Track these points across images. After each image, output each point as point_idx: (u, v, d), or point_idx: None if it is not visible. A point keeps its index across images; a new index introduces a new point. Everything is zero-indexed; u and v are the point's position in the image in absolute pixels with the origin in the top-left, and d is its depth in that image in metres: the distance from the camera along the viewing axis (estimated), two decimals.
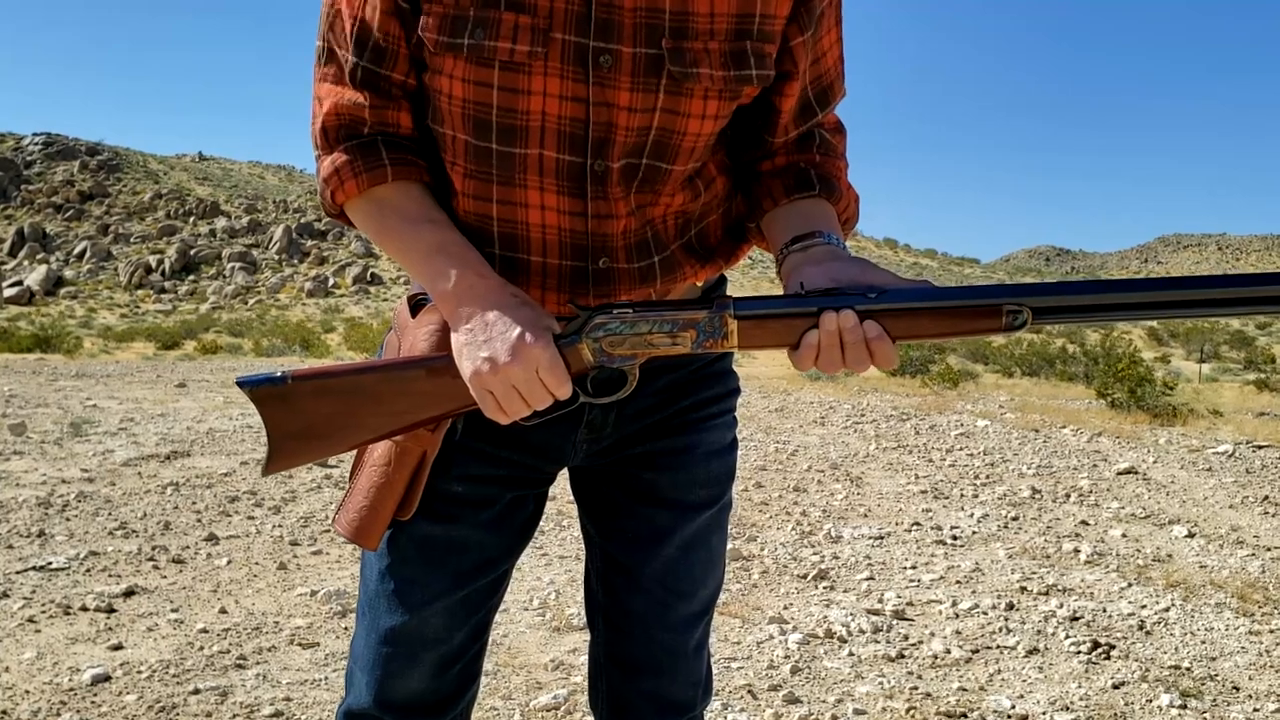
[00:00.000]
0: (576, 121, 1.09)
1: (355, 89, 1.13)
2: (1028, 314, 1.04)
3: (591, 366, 1.09)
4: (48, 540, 4.41)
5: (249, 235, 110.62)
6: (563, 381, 1.06)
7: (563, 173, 1.12)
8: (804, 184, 1.20)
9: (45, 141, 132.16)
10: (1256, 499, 6.03)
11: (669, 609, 1.30)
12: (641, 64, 1.08)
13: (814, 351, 1.05)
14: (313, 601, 3.67)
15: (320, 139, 1.16)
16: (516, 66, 1.07)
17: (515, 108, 1.09)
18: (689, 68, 1.08)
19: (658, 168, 1.14)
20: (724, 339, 1.08)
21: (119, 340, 38.99)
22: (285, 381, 1.11)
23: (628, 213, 1.15)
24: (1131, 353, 13.84)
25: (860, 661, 3.22)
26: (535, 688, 2.94)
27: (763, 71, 1.13)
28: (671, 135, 1.13)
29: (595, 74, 1.07)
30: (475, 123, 1.10)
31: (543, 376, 1.05)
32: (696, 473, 1.29)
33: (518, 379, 1.05)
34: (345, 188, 1.14)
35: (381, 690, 1.24)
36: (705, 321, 1.08)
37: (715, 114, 1.13)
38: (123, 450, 6.90)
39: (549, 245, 1.15)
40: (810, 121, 1.23)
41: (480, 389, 1.06)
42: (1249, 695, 3.01)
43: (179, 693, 2.83)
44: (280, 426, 1.12)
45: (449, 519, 1.22)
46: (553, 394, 1.06)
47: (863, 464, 7.21)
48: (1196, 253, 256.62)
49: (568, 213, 1.14)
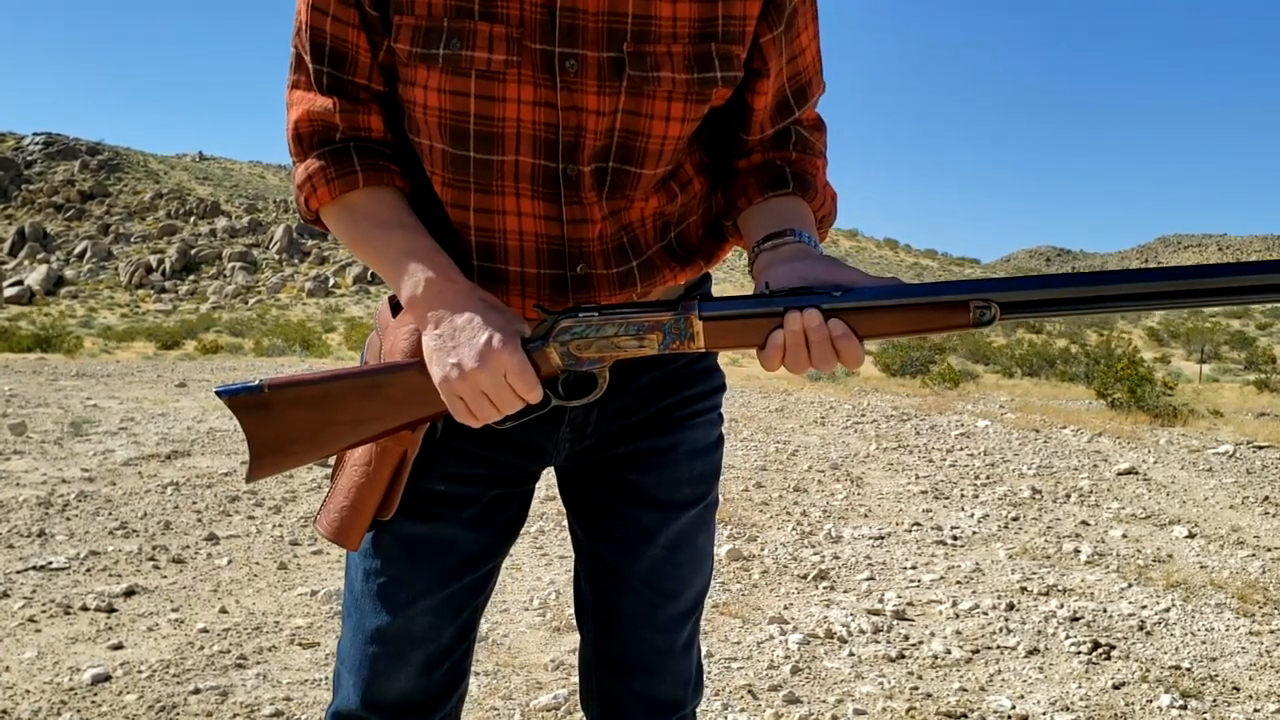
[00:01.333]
0: (549, 126, 1.10)
1: (324, 95, 1.14)
2: (995, 310, 1.03)
3: (561, 370, 1.09)
4: (48, 540, 4.41)
5: (249, 235, 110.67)
6: (531, 386, 1.06)
7: (537, 178, 1.12)
8: (778, 182, 1.20)
9: (46, 141, 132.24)
10: (1257, 499, 6.02)
11: (656, 609, 1.30)
12: (606, 68, 1.08)
13: (779, 351, 1.04)
14: (313, 601, 3.68)
15: (294, 145, 1.17)
16: (492, 75, 1.07)
17: (492, 115, 1.09)
18: (649, 71, 1.09)
19: (626, 171, 1.14)
20: (690, 340, 1.07)
21: (119, 340, 39.00)
22: (262, 390, 1.12)
23: (603, 217, 1.15)
24: (1132, 353, 13.84)
25: (860, 662, 3.22)
26: (535, 688, 2.94)
27: (729, 73, 1.13)
28: (636, 138, 1.13)
29: (563, 79, 1.08)
30: (452, 132, 1.11)
31: (511, 381, 1.05)
32: (680, 471, 1.29)
33: (485, 384, 1.05)
34: (318, 194, 1.15)
35: (369, 691, 1.23)
36: (671, 324, 1.07)
37: (681, 116, 1.13)
38: (123, 450, 6.90)
39: (526, 253, 1.15)
40: (788, 119, 1.23)
41: (449, 394, 1.06)
42: (1249, 695, 3.01)
43: (179, 692, 2.83)
44: (259, 434, 1.13)
45: (432, 518, 1.22)
46: (522, 398, 1.06)
47: (863, 464, 7.21)
48: (1197, 253, 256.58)
49: (543, 218, 1.14)
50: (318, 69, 1.13)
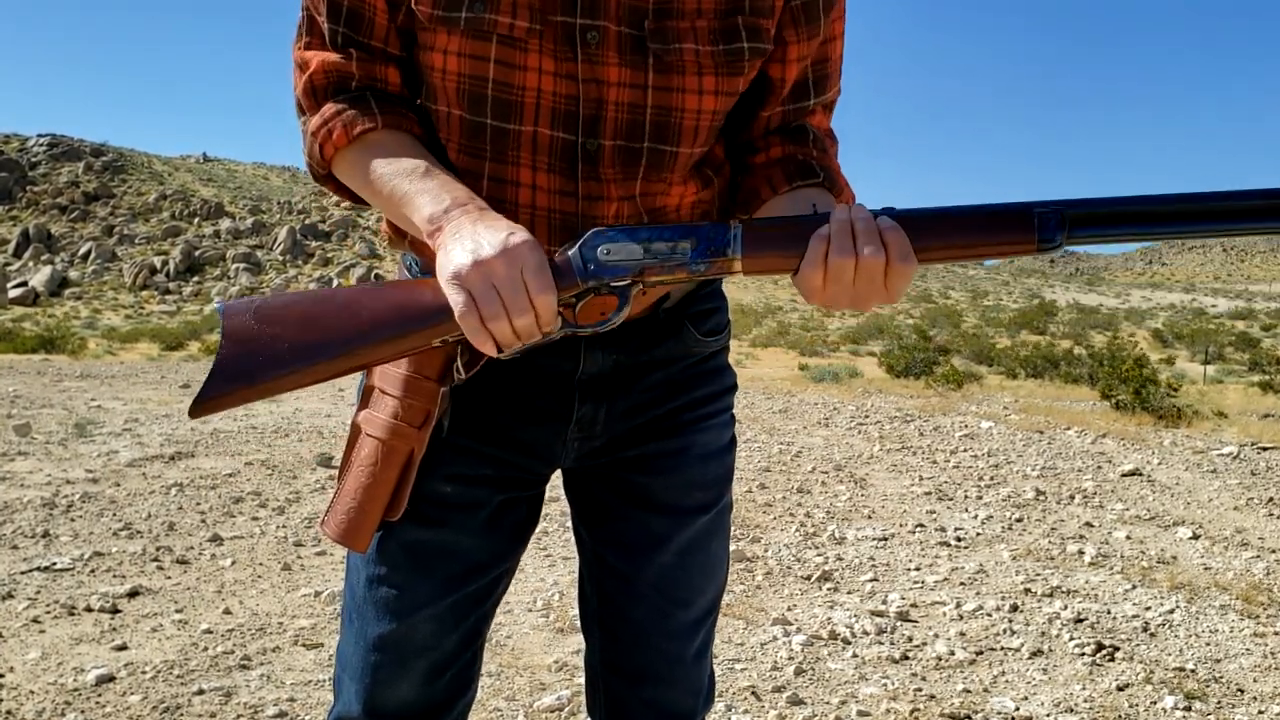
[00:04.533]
0: (570, 99, 1.09)
1: (338, 50, 1.13)
2: (1063, 227, 0.95)
3: (584, 286, 1.02)
4: (52, 541, 4.42)
5: (253, 236, 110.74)
6: (547, 288, 0.97)
7: (555, 151, 1.11)
8: (807, 172, 1.17)
9: (50, 142, 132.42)
10: (1261, 501, 6.01)
11: (668, 617, 1.27)
12: (628, 42, 1.08)
13: (822, 255, 0.97)
14: (317, 602, 3.68)
15: (306, 100, 1.15)
16: (514, 42, 1.07)
17: (511, 83, 1.08)
18: (671, 44, 1.08)
19: (662, 151, 1.12)
20: (725, 250, 1.01)
21: (123, 341, 39.03)
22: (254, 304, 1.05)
23: (620, 196, 1.13)
24: (1136, 354, 13.82)
25: (864, 663, 3.21)
26: (539, 688, 2.94)
27: (757, 44, 1.12)
28: (670, 114, 1.11)
29: (584, 51, 1.07)
30: (470, 98, 1.10)
31: (527, 278, 0.96)
32: (691, 476, 1.25)
33: (499, 275, 0.96)
34: (334, 137, 1.11)
35: (371, 698, 1.22)
36: (709, 229, 1.01)
37: (715, 89, 1.12)
38: (127, 451, 6.91)
39: (537, 227, 1.12)
40: (803, 103, 1.21)
41: (456, 288, 0.96)
42: (1254, 697, 3.01)
43: (183, 693, 2.84)
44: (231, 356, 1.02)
45: (437, 523, 1.20)
46: (534, 305, 0.97)
47: (867, 465, 7.20)
48: (1201, 254, 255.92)
49: (558, 192, 1.12)
50: (333, 29, 1.12)
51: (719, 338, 1.30)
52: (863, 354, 36.04)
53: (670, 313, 1.24)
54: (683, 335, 1.25)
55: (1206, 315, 78.41)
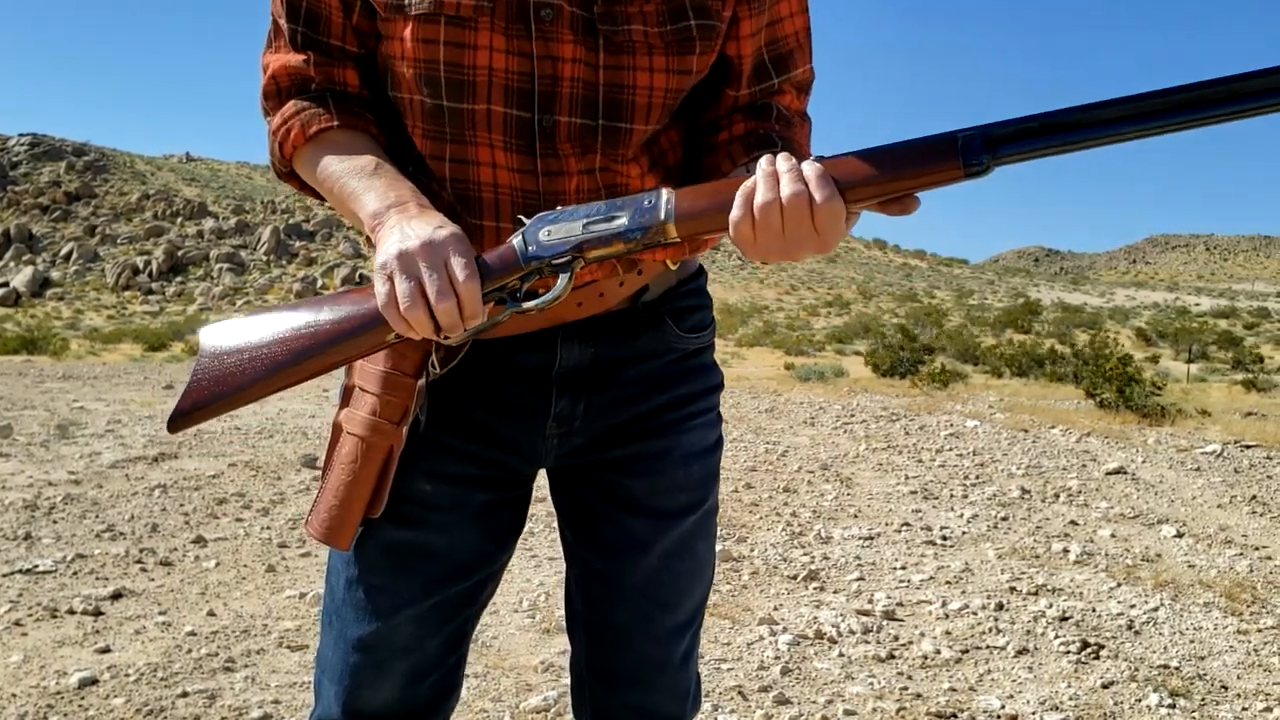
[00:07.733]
0: (523, 76, 1.09)
1: (299, 51, 1.16)
2: (986, 151, 0.92)
3: (527, 269, 1.04)
4: (34, 543, 4.39)
5: (237, 236, 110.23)
6: (470, 274, 0.98)
7: (510, 129, 1.11)
8: (766, 144, 1.15)
9: (31, 142, 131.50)
10: (1244, 498, 6.05)
11: (653, 620, 1.25)
12: (580, 21, 1.09)
13: (748, 203, 0.96)
14: (301, 604, 3.66)
15: (269, 101, 1.19)
16: (463, 22, 1.08)
17: (462, 63, 1.09)
18: (619, 25, 1.09)
19: (617, 128, 1.13)
20: (657, 214, 1.01)
21: (106, 342, 38.82)
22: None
23: (579, 171, 1.13)
24: (1120, 353, 13.90)
25: (850, 662, 3.22)
26: (525, 689, 2.93)
27: (706, 22, 1.12)
28: (623, 90, 1.12)
29: (538, 28, 1.08)
30: (427, 81, 1.11)
31: (451, 266, 0.98)
32: (675, 477, 1.24)
33: (419, 264, 0.98)
34: (293, 136, 1.15)
35: (351, 700, 1.21)
36: (643, 197, 1.02)
37: (665, 68, 1.12)
38: (110, 452, 6.86)
39: (501, 206, 1.14)
40: (766, 83, 1.21)
41: (382, 279, 1.00)
42: (1237, 694, 3.02)
43: (167, 696, 2.82)
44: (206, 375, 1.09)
45: (416, 523, 1.19)
46: (457, 290, 0.98)
47: (852, 465, 7.22)
48: (1185, 253, 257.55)
49: (518, 170, 1.13)
50: (292, 28, 1.16)
51: (701, 335, 1.29)
52: (848, 353, 36.18)
53: (649, 306, 1.24)
54: (661, 329, 1.24)
55: (1190, 314, 78.89)
